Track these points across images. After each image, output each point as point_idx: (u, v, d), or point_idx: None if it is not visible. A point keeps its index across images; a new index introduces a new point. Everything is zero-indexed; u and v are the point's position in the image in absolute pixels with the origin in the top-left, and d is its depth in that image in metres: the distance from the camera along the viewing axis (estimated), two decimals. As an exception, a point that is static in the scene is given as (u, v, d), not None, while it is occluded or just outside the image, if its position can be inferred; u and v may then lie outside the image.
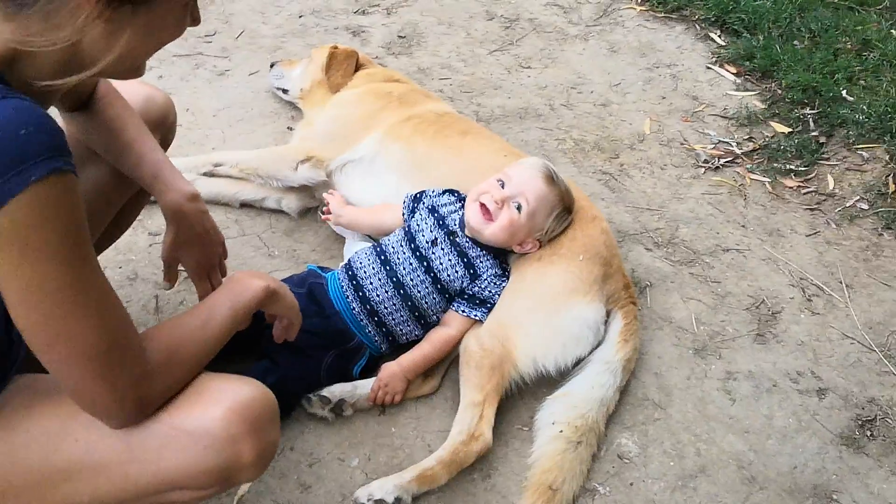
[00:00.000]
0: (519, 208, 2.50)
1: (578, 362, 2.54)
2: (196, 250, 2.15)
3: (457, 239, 2.55)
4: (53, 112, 1.86)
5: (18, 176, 1.25)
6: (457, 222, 2.58)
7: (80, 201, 1.37)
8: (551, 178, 2.56)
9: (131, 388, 1.47)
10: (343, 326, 2.48)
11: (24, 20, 1.33)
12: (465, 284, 2.53)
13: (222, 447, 1.56)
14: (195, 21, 1.57)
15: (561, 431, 2.39)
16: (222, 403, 1.58)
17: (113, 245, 2.51)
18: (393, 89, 3.18)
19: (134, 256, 2.84)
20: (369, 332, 2.49)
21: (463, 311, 2.52)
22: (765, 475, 2.48)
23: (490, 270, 2.55)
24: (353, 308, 2.48)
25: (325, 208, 2.86)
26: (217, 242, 2.22)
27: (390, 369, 2.46)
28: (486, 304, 2.52)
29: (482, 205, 2.50)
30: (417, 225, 2.60)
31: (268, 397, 1.67)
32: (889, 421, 2.67)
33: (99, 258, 2.42)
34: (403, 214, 2.69)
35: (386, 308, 2.49)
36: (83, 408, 1.48)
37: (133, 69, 1.56)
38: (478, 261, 2.54)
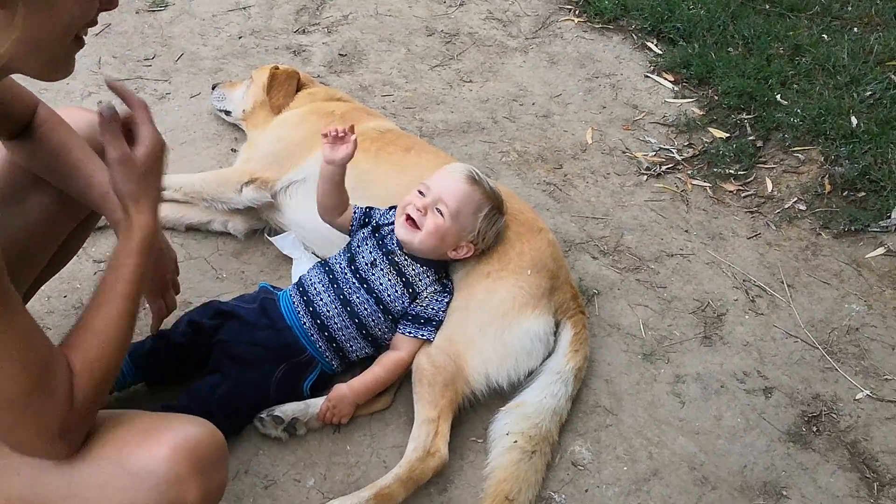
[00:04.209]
0: (442, 212, 2.51)
1: (530, 373, 2.57)
2: (150, 268, 2.13)
3: (395, 258, 2.56)
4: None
5: None
6: (395, 241, 2.59)
7: None
8: (473, 179, 2.56)
9: (58, 428, 1.44)
10: (293, 340, 2.48)
11: None
12: (406, 304, 2.54)
13: (167, 488, 1.54)
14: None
15: (515, 442, 2.41)
16: (167, 443, 1.56)
17: (57, 274, 2.48)
18: (335, 108, 3.18)
19: (79, 284, 2.80)
20: (320, 347, 2.49)
21: (409, 333, 2.53)
22: (716, 475, 2.52)
23: (429, 288, 2.56)
24: (304, 323, 2.48)
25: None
26: (170, 259, 2.20)
27: (340, 391, 2.46)
28: (432, 322, 2.53)
29: (408, 216, 2.52)
30: (358, 245, 2.61)
31: (215, 437, 1.66)
32: (834, 416, 2.74)
33: (43, 287, 2.41)
34: (352, 224, 2.69)
35: (336, 324, 2.49)
36: (12, 449, 1.45)
37: (51, 61, 1.48)
38: (416, 279, 2.55)
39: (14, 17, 1.33)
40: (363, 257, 2.57)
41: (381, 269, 2.54)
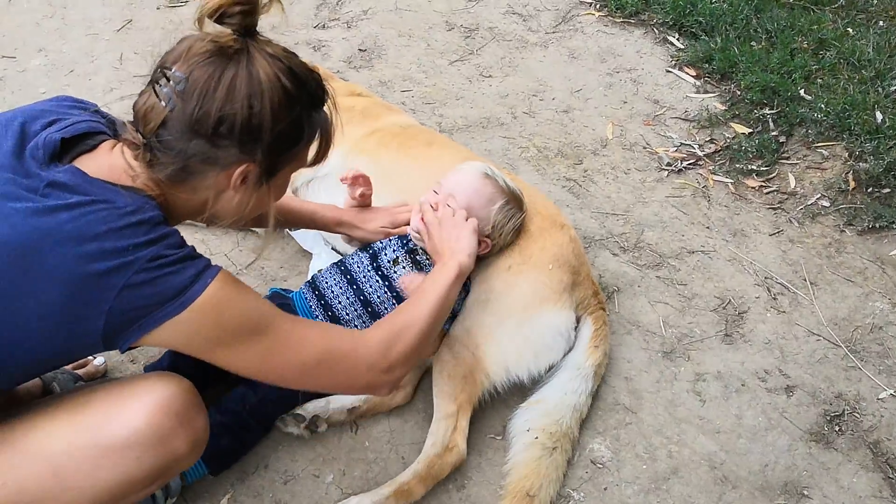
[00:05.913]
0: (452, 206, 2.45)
1: (550, 368, 2.56)
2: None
3: (417, 257, 2.52)
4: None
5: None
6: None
7: (239, 285, 1.70)
8: (485, 174, 2.54)
9: (374, 355, 1.89)
10: None
11: (179, 187, 1.69)
12: None
13: (156, 450, 1.61)
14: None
15: (536, 438, 2.41)
16: (142, 408, 1.62)
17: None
18: (356, 104, 3.17)
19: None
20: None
21: None
22: (736, 474, 2.51)
23: None
24: None
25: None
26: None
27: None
28: (451, 317, 2.53)
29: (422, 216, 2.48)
30: (381, 243, 2.58)
31: (184, 385, 1.73)
32: (856, 416, 2.71)
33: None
34: None
35: (357, 327, 2.47)
36: (359, 391, 2.07)
37: (239, 221, 1.83)
38: None
39: (246, 201, 1.75)
40: (386, 255, 2.53)
41: (404, 268, 2.50)
